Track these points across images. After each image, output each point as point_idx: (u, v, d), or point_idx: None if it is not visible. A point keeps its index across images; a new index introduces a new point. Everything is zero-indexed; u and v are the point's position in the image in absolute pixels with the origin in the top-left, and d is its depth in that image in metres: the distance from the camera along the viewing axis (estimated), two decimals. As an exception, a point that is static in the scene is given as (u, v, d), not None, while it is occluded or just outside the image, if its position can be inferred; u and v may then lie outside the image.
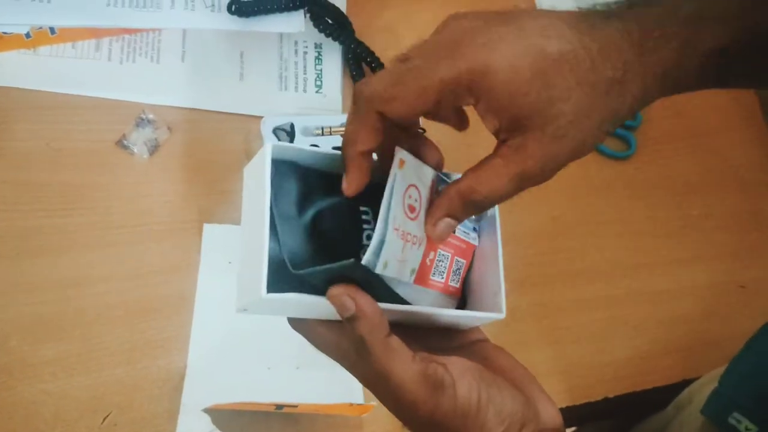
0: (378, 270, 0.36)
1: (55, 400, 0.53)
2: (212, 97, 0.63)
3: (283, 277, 0.36)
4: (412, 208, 0.38)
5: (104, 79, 0.61)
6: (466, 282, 0.44)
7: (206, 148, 0.62)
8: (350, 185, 0.37)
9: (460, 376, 0.35)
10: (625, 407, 0.65)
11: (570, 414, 0.63)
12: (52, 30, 0.59)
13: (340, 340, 0.36)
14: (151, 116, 0.61)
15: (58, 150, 0.59)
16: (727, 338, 0.67)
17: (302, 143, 0.60)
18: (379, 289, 0.36)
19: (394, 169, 0.38)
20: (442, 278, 0.42)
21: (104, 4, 0.58)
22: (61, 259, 0.56)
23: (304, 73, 0.66)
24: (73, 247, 0.57)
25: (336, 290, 0.35)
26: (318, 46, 0.67)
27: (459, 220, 0.39)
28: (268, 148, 0.36)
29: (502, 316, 0.41)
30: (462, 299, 0.44)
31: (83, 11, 0.57)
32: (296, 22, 0.61)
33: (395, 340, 0.35)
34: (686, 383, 0.65)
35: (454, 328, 0.43)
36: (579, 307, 0.66)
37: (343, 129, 0.60)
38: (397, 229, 0.37)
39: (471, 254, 0.44)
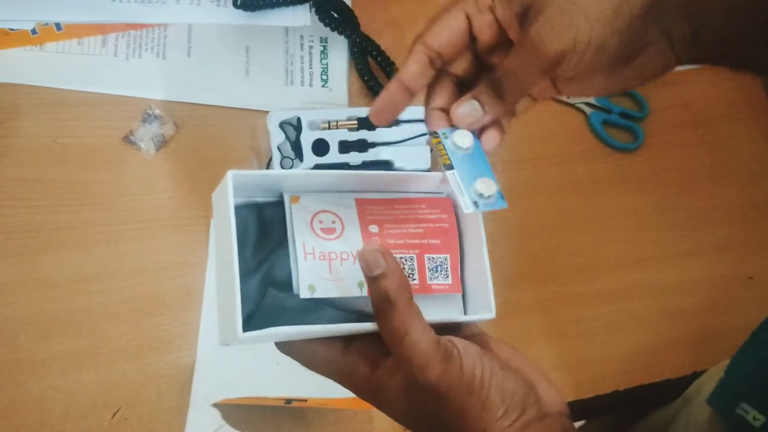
0: (304, 294, 0.39)
1: (65, 396, 0.53)
2: (218, 92, 0.62)
3: (261, 311, 0.38)
4: (328, 231, 0.41)
5: (110, 75, 0.61)
6: (463, 278, 0.44)
7: (213, 143, 0.62)
8: (375, 105, 0.41)
9: (466, 352, 0.36)
10: (633, 400, 0.65)
11: (578, 407, 0.63)
12: (58, 26, 0.59)
13: (331, 355, 0.38)
14: (157, 112, 0.61)
15: (65, 146, 0.59)
16: (735, 330, 0.67)
17: (308, 137, 0.60)
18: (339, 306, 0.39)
19: (287, 206, 0.41)
20: (414, 280, 0.42)
21: (110, -1, 0.58)
22: (68, 256, 0.56)
23: (310, 68, 0.65)
24: (81, 244, 0.57)
25: (369, 247, 0.37)
26: (323, 41, 0.67)
27: (482, 103, 0.40)
28: (229, 178, 0.38)
29: (491, 315, 0.42)
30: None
31: (89, 7, 0.57)
32: (302, 16, 0.61)
33: (417, 306, 0.36)
34: (695, 375, 0.65)
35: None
36: (585, 301, 0.66)
37: (350, 122, 0.61)
38: (310, 253, 0.40)
39: (454, 246, 0.44)
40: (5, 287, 0.54)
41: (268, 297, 0.39)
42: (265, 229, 0.41)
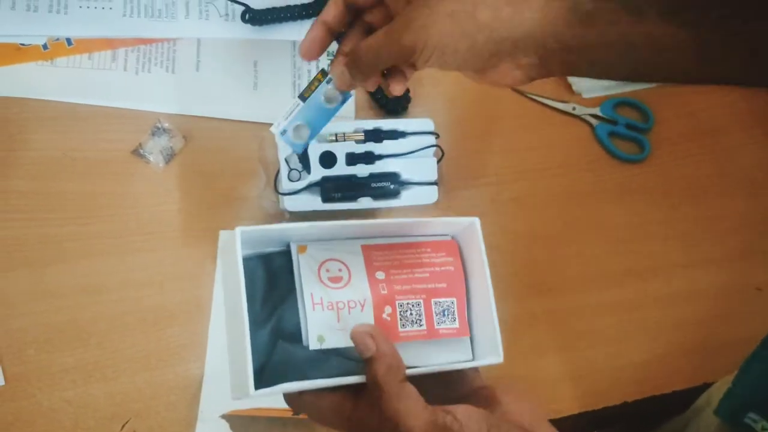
0: (314, 345, 0.39)
1: (74, 407, 0.53)
2: (226, 105, 0.63)
3: (271, 364, 0.39)
4: (335, 279, 0.41)
5: (120, 89, 0.61)
6: (470, 320, 0.44)
7: (221, 156, 0.62)
8: (303, 43, 0.46)
9: (468, 423, 0.35)
10: (643, 411, 0.65)
11: (587, 419, 0.63)
12: (68, 41, 0.60)
13: (341, 407, 0.37)
14: (166, 125, 0.61)
15: (75, 159, 0.59)
16: (744, 340, 0.66)
17: (316, 149, 0.60)
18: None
19: (295, 256, 0.42)
20: (422, 326, 0.42)
21: (120, 14, 0.59)
22: (78, 267, 0.57)
23: (317, 81, 0.66)
24: (90, 255, 0.57)
25: (359, 328, 0.36)
26: (330, 54, 0.67)
27: (350, 71, 0.45)
28: (237, 234, 0.39)
29: (499, 360, 0.41)
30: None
31: (100, 22, 0.58)
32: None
33: (409, 387, 0.36)
34: (705, 387, 0.65)
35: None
36: (593, 312, 0.66)
37: (357, 134, 0.61)
38: (318, 303, 0.40)
39: (461, 289, 0.44)
40: (14, 299, 0.55)
41: (278, 350, 0.39)
42: (273, 280, 0.41)
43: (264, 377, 0.38)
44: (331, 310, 0.40)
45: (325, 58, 0.61)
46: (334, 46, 0.50)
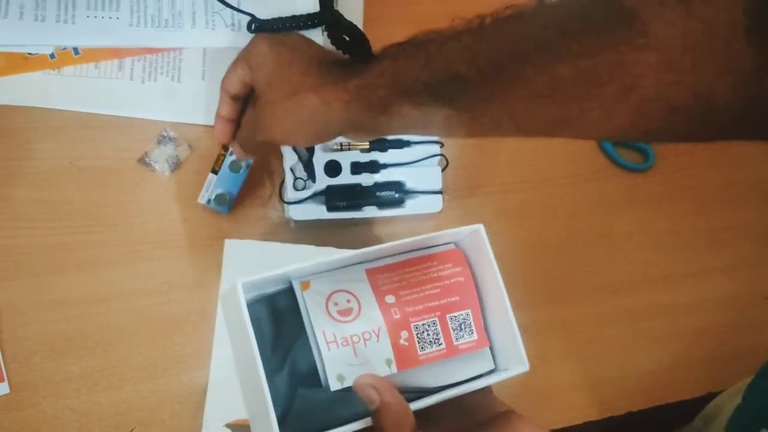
0: (334, 386, 0.37)
1: (78, 416, 0.53)
2: (232, 114, 0.63)
3: (291, 415, 0.37)
4: (345, 312, 0.39)
5: (126, 98, 0.62)
6: (486, 329, 0.43)
7: (226, 164, 0.62)
8: (215, 132, 0.57)
9: None
10: (649, 421, 0.64)
11: (593, 429, 0.63)
12: (75, 50, 0.60)
13: None
14: (172, 134, 0.61)
15: (82, 168, 0.60)
16: (752, 350, 0.66)
17: (321, 158, 0.60)
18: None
19: (300, 295, 0.40)
20: (440, 345, 0.41)
21: (127, 24, 0.59)
22: (83, 276, 0.57)
23: (323, 90, 0.66)
24: (96, 264, 0.57)
25: (361, 380, 0.35)
26: (336, 63, 0.67)
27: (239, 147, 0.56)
28: (239, 288, 0.37)
29: (525, 369, 0.40)
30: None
31: (106, 32, 0.58)
32: (314, 40, 0.62)
33: None
34: (712, 396, 0.64)
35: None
36: (602, 321, 0.66)
37: (362, 144, 0.61)
38: (332, 341, 0.38)
39: (473, 299, 0.43)
40: (21, 307, 0.55)
41: (298, 399, 0.37)
42: (280, 321, 0.40)
43: (287, 425, 0.37)
44: (347, 345, 0.39)
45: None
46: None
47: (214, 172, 0.59)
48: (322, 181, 0.60)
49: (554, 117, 0.38)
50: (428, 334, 0.40)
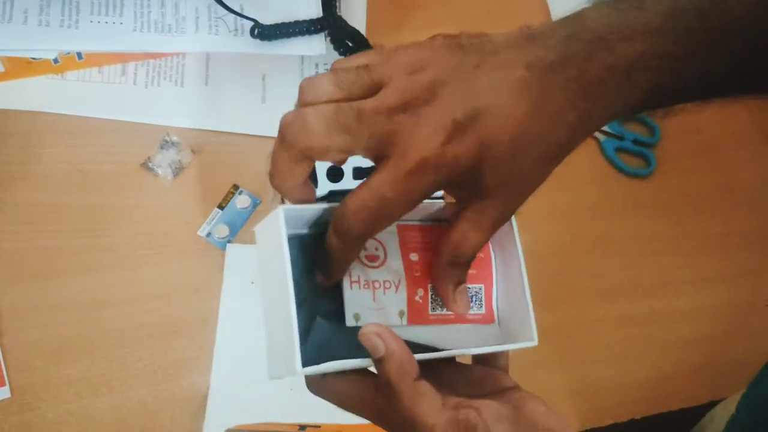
0: (350, 323, 0.38)
1: (78, 420, 0.53)
2: (235, 119, 0.63)
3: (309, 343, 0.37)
4: (372, 258, 0.40)
5: (130, 102, 0.62)
6: (497, 306, 0.44)
7: (229, 169, 0.62)
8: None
9: (495, 421, 0.33)
10: (651, 429, 0.64)
11: (595, 436, 0.63)
12: (79, 55, 0.60)
13: (363, 393, 0.36)
14: (175, 139, 0.62)
15: (85, 172, 0.60)
16: (754, 358, 0.66)
17: (323, 163, 0.60)
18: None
19: None
20: (450, 310, 0.41)
21: (130, 29, 0.59)
22: (85, 280, 0.57)
23: (325, 95, 0.66)
24: (98, 268, 0.57)
25: (367, 329, 0.34)
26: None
27: (464, 281, 0.40)
28: (281, 212, 0.37)
29: (533, 343, 0.41)
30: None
31: (110, 37, 0.59)
32: (317, 45, 0.62)
33: (424, 385, 0.34)
34: (713, 404, 0.64)
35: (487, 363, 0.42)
36: (601, 327, 0.66)
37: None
38: (356, 281, 0.39)
39: (489, 275, 0.44)
40: (22, 312, 0.55)
41: (316, 329, 0.38)
42: (308, 261, 0.41)
43: (304, 353, 0.36)
44: (368, 289, 0.40)
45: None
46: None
47: (221, 207, 0.60)
48: (325, 186, 0.60)
49: None
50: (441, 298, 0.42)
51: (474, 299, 0.42)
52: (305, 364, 0.35)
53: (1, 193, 0.58)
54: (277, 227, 0.37)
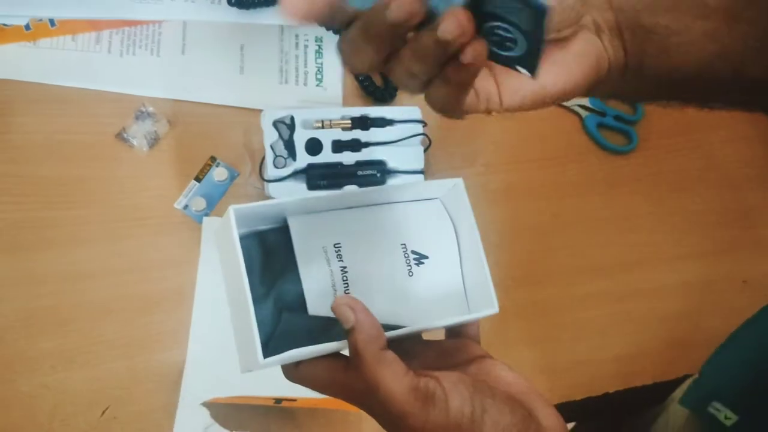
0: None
1: (53, 393, 0.53)
2: (212, 90, 0.62)
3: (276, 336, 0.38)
4: None
5: (104, 71, 0.61)
6: (463, 279, 0.44)
7: (205, 141, 0.62)
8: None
9: (453, 388, 0.35)
10: (625, 403, 0.65)
11: (570, 409, 0.63)
12: (51, 22, 0.59)
13: (334, 374, 0.37)
14: (150, 109, 0.60)
15: (59, 143, 0.59)
16: (728, 333, 0.67)
17: (302, 135, 0.59)
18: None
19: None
20: None
21: (104, -5, 0.58)
22: (59, 253, 0.56)
23: (305, 67, 0.65)
24: (72, 241, 0.57)
25: (340, 300, 0.36)
26: (319, 39, 0.67)
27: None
28: (231, 214, 0.38)
29: (494, 310, 0.41)
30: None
31: (83, 3, 0.57)
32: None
33: (390, 354, 0.35)
34: (686, 378, 0.65)
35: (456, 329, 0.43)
36: (579, 304, 0.66)
37: (343, 122, 0.60)
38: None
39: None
40: (-5, 284, 0.54)
41: (282, 321, 0.39)
42: (269, 256, 0.41)
43: (271, 347, 0.38)
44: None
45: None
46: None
47: (198, 179, 0.59)
48: (303, 159, 0.59)
49: None
50: None
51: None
52: (270, 353, 0.36)
53: (-28, 163, 0.57)
54: (229, 229, 0.37)
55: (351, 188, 0.60)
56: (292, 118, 0.59)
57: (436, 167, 0.65)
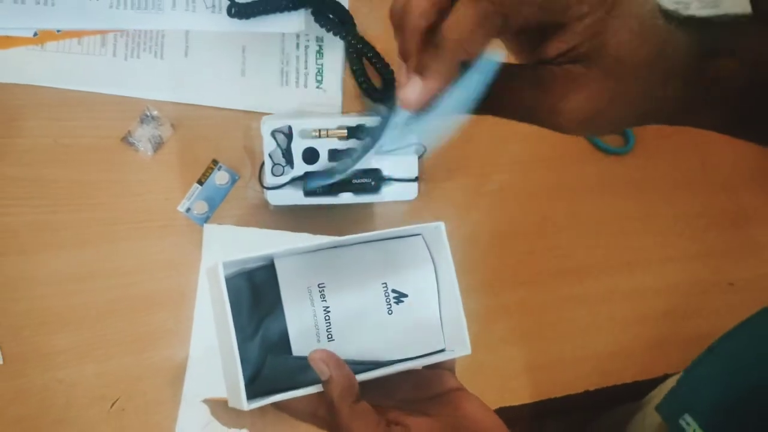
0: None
1: (66, 386, 0.57)
2: (214, 93, 0.64)
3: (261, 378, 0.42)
4: None
5: (109, 75, 0.62)
6: (441, 313, 0.47)
7: (207, 144, 0.64)
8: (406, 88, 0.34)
9: None
10: (605, 399, 0.68)
11: (550, 406, 0.67)
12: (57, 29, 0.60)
13: (317, 410, 0.41)
14: (155, 113, 0.62)
15: (66, 146, 0.61)
16: (712, 334, 0.69)
17: (299, 145, 0.61)
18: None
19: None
20: None
21: (107, 5, 0.59)
22: (68, 254, 0.59)
23: (305, 68, 0.66)
24: (80, 243, 0.60)
25: (315, 355, 0.39)
26: (319, 40, 0.67)
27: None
28: (220, 268, 0.41)
29: (467, 352, 0.44)
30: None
31: (87, 14, 0.58)
32: (296, 22, 0.62)
33: (363, 406, 0.39)
34: (666, 377, 0.68)
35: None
36: (565, 305, 0.69)
37: (339, 131, 0.62)
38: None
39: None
40: (10, 284, 0.58)
41: (267, 365, 0.42)
42: (257, 294, 0.43)
43: (256, 386, 0.42)
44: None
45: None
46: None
47: (200, 183, 0.61)
48: (300, 167, 0.61)
49: None
50: None
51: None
52: (256, 394, 0.39)
53: (-15, 166, 0.59)
54: (218, 282, 0.40)
55: (346, 195, 0.62)
56: (290, 128, 0.61)
57: (430, 173, 0.66)
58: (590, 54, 0.35)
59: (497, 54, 0.35)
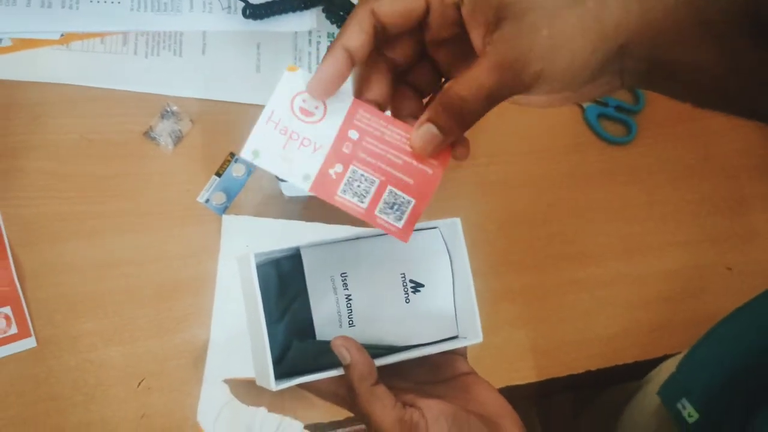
0: (245, 155, 0.38)
1: (96, 367, 0.61)
2: (231, 88, 0.67)
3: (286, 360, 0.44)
4: (304, 111, 0.38)
5: (131, 72, 0.65)
6: (455, 302, 0.49)
7: (225, 138, 0.67)
8: (314, 78, 0.37)
9: (434, 420, 0.41)
10: (606, 379, 0.71)
11: (556, 384, 0.70)
12: (81, 29, 0.63)
13: (338, 390, 0.44)
14: (174, 108, 0.66)
15: (91, 141, 0.64)
16: (710, 317, 0.71)
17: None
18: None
19: (284, 73, 0.39)
20: (362, 202, 0.39)
21: (128, 8, 0.62)
22: (94, 243, 0.63)
23: (318, 63, 0.69)
24: (106, 232, 0.63)
25: (337, 341, 0.42)
26: (331, 36, 0.70)
27: (441, 129, 0.37)
28: (252, 258, 0.43)
29: (479, 340, 0.47)
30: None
31: (109, 17, 0.61)
32: (308, 21, 0.65)
33: (380, 389, 0.42)
34: (665, 358, 0.70)
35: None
36: (568, 289, 0.71)
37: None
38: (275, 123, 0.38)
39: (427, 194, 0.40)
40: (40, 271, 0.62)
41: (293, 349, 0.44)
42: (284, 281, 0.46)
43: (282, 367, 0.44)
44: (284, 135, 0.38)
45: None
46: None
47: (218, 174, 0.64)
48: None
49: None
50: (359, 186, 0.39)
51: (395, 208, 0.40)
52: (282, 375, 0.42)
53: (16, 161, 0.63)
54: (250, 270, 0.43)
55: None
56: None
57: (437, 164, 0.69)
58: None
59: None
